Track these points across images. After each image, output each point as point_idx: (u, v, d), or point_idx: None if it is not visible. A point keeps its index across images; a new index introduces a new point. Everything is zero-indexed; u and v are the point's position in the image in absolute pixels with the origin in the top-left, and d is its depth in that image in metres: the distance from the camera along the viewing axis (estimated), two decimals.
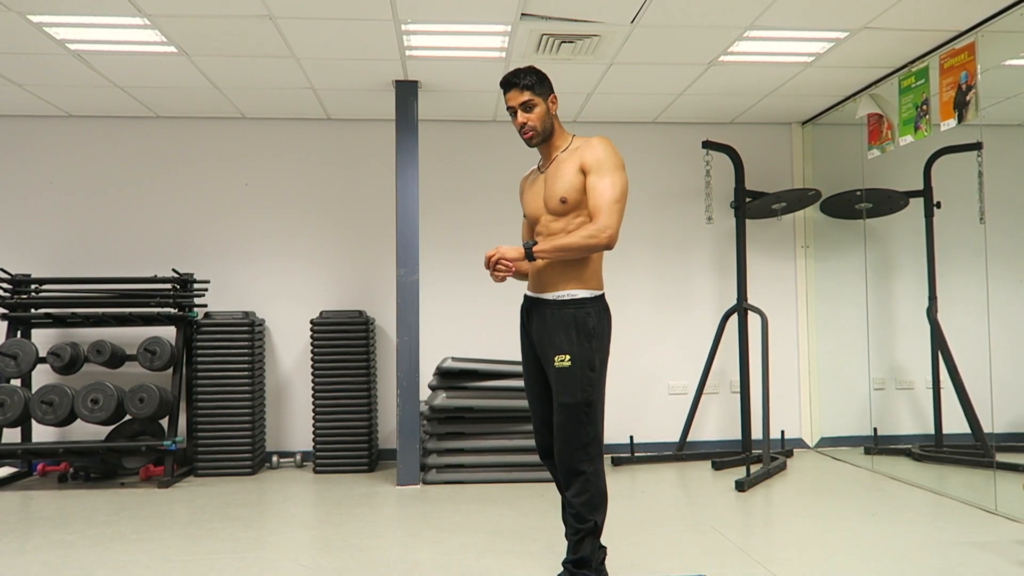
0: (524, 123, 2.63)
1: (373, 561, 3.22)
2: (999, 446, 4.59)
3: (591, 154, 2.57)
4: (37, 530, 3.74)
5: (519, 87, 2.61)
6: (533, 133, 2.64)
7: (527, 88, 2.61)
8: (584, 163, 2.57)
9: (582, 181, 2.57)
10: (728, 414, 5.59)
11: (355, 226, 5.47)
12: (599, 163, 2.55)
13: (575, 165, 2.59)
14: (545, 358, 2.63)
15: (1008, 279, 5.01)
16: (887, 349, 5.56)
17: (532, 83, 2.61)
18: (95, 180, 5.35)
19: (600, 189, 2.53)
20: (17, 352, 4.73)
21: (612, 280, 2.75)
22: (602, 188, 2.53)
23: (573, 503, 2.56)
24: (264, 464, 5.24)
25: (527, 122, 2.62)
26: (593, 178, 2.54)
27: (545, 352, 2.62)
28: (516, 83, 2.61)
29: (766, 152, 5.71)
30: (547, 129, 2.65)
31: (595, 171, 2.55)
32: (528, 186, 2.79)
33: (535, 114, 2.62)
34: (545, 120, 2.64)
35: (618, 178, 2.55)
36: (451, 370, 4.66)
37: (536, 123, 2.62)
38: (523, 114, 2.62)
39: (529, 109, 2.62)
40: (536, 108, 2.62)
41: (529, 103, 2.61)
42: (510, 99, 2.63)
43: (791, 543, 3.42)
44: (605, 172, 2.54)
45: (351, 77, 4.61)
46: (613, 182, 2.54)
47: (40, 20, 3.74)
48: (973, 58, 3.86)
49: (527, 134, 2.64)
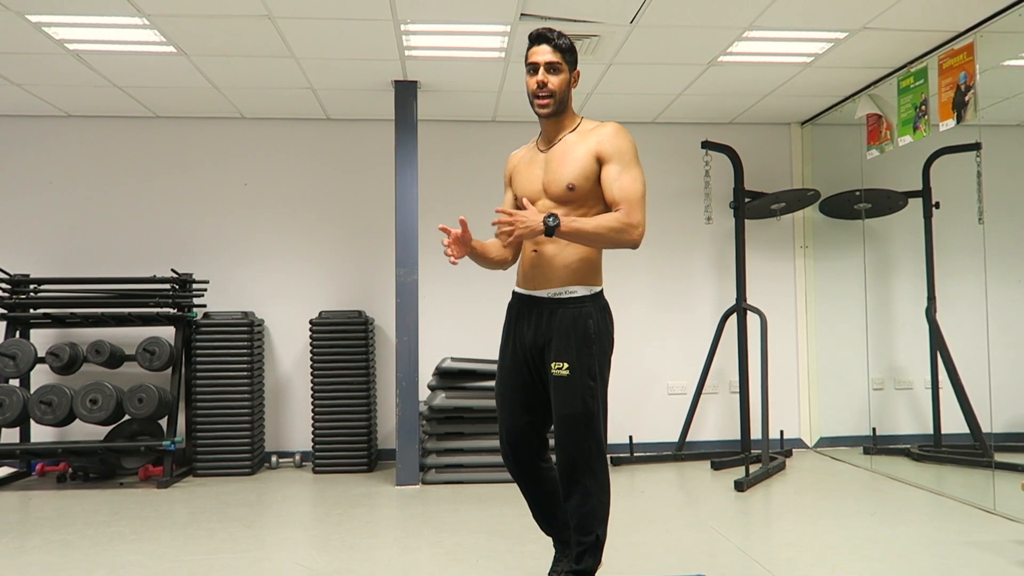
0: (544, 83, 2.39)
1: (372, 561, 3.22)
2: (998, 446, 4.60)
3: (611, 142, 2.37)
4: (36, 530, 3.73)
5: (552, 44, 2.39)
6: (549, 100, 2.40)
7: (559, 49, 2.40)
8: (602, 151, 2.37)
9: (595, 169, 2.38)
10: (727, 414, 5.60)
11: (354, 226, 5.47)
12: (621, 153, 2.36)
13: (588, 150, 2.38)
14: (539, 365, 2.46)
15: (1007, 279, 5.02)
16: (886, 349, 5.56)
17: (566, 46, 2.41)
18: (94, 180, 5.35)
19: (626, 182, 2.34)
20: (16, 352, 4.73)
21: (611, 280, 2.71)
22: (628, 181, 2.34)
23: (574, 515, 2.43)
24: (263, 464, 5.24)
25: (547, 83, 2.39)
26: (614, 168, 2.35)
27: (539, 358, 2.45)
28: (550, 39, 2.40)
29: (765, 152, 5.72)
30: (563, 101, 2.43)
31: (616, 160, 2.35)
32: (524, 165, 2.55)
33: (558, 79, 2.40)
34: (564, 91, 2.42)
35: (640, 173, 2.38)
36: (450, 370, 4.66)
37: (556, 88, 2.39)
38: (546, 74, 2.39)
39: (554, 71, 2.39)
40: (561, 74, 2.40)
41: (556, 65, 2.39)
42: (537, 53, 2.40)
43: (790, 543, 3.42)
44: (628, 164, 2.36)
45: (350, 77, 4.61)
46: (637, 176, 2.36)
47: (39, 20, 3.74)
48: (972, 58, 3.87)
49: (543, 98, 2.40)
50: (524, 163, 2.56)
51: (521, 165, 2.57)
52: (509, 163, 2.65)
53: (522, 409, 2.53)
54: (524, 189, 2.51)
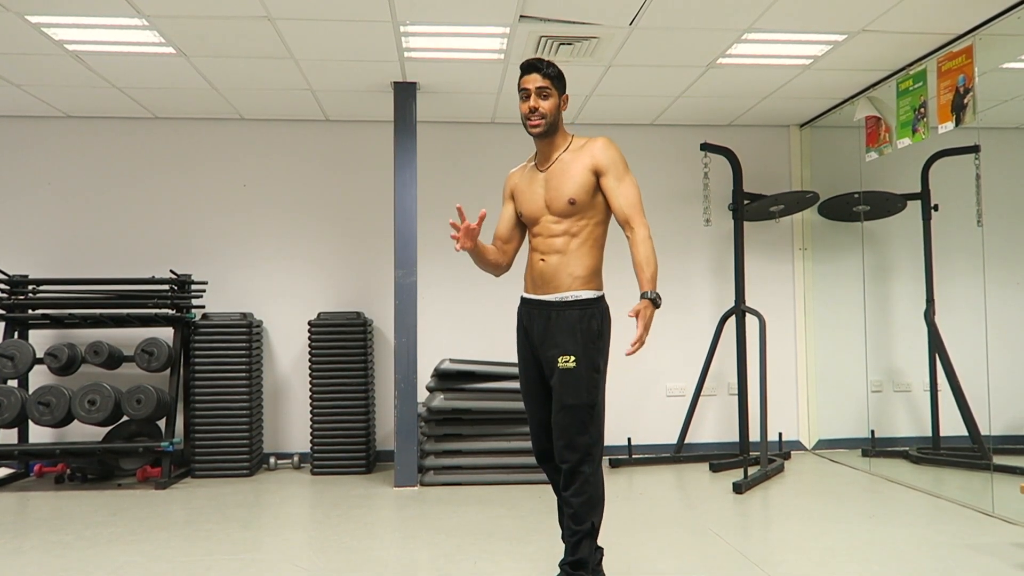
0: (535, 108, 2.60)
1: (370, 562, 3.22)
2: (996, 448, 4.59)
3: (604, 155, 2.60)
4: (34, 531, 3.73)
5: (541, 72, 2.61)
6: (541, 122, 2.61)
7: (548, 76, 2.61)
8: (598, 164, 2.59)
9: (592, 182, 2.59)
10: (726, 416, 5.60)
11: (353, 227, 5.47)
12: (615, 163, 2.60)
13: (584, 165, 2.60)
14: (549, 360, 2.61)
15: (1005, 282, 5.03)
16: (885, 351, 5.57)
17: (554, 73, 2.63)
18: (93, 181, 5.35)
19: (624, 191, 2.59)
20: (14, 353, 4.72)
21: (609, 282, 2.75)
22: (626, 190, 2.59)
23: (572, 503, 2.55)
24: (261, 465, 5.24)
25: (538, 108, 2.60)
26: (612, 180, 2.59)
27: (549, 354, 2.60)
28: (539, 68, 2.61)
29: (764, 154, 5.72)
30: (553, 123, 2.64)
31: (612, 173, 2.59)
32: (525, 184, 2.74)
33: (548, 103, 2.61)
34: (554, 113, 2.63)
35: (633, 178, 2.63)
36: (449, 372, 4.66)
37: (546, 112, 2.61)
38: (536, 99, 2.60)
39: (544, 96, 2.61)
40: (550, 98, 2.62)
41: (546, 91, 2.61)
42: (528, 81, 2.62)
43: (788, 545, 3.42)
44: (622, 173, 2.61)
45: (349, 78, 4.61)
46: (632, 182, 2.61)
47: (39, 20, 3.74)
48: (971, 61, 3.87)
49: (534, 121, 2.62)
50: (525, 182, 2.74)
51: (522, 184, 2.75)
52: (510, 180, 2.84)
53: (546, 404, 2.68)
54: (527, 208, 2.70)
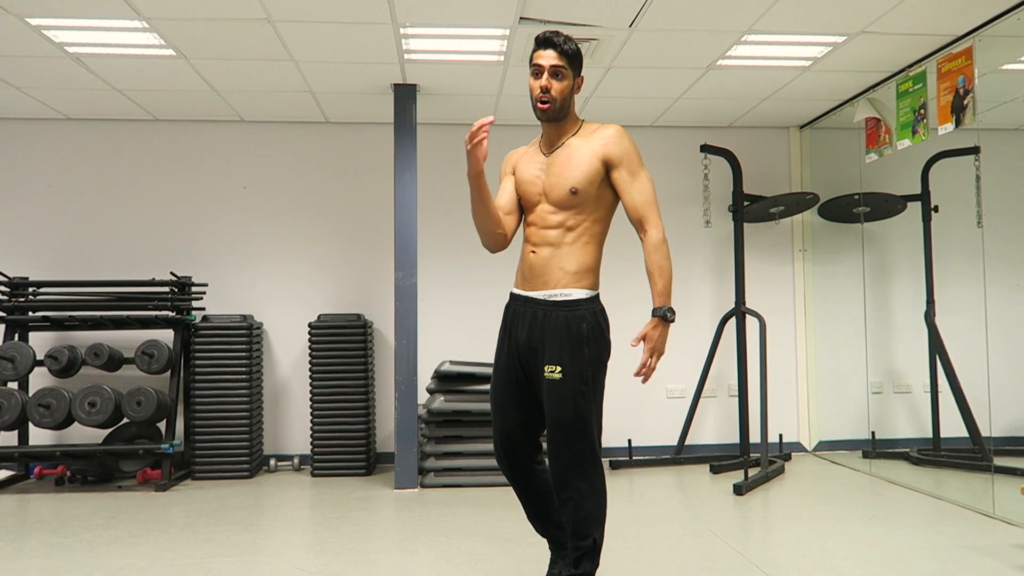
0: (547, 88, 2.38)
1: (370, 564, 3.22)
2: (997, 450, 4.59)
3: (618, 145, 2.40)
4: (34, 533, 3.73)
5: (559, 49, 2.39)
6: (551, 103, 2.39)
7: (564, 54, 2.40)
8: (609, 155, 2.39)
9: (600, 172, 2.40)
10: (726, 418, 5.59)
11: (353, 230, 5.47)
12: (629, 156, 2.41)
13: (593, 153, 2.40)
14: (532, 366, 2.44)
15: (1006, 283, 5.02)
16: (885, 353, 5.56)
17: (572, 51, 2.41)
18: (93, 183, 5.35)
19: (639, 188, 2.41)
20: (14, 355, 4.72)
21: (609, 283, 2.72)
22: (640, 187, 2.41)
23: (569, 520, 2.41)
24: (262, 467, 5.23)
25: (550, 88, 2.38)
26: (625, 175, 2.40)
27: (533, 360, 2.43)
28: (556, 44, 2.39)
29: (764, 156, 5.72)
30: (564, 107, 2.43)
31: (625, 166, 2.40)
32: (525, 165, 2.53)
33: (561, 84, 2.40)
34: (566, 96, 2.42)
35: (647, 174, 2.45)
36: (449, 373, 4.66)
37: (558, 94, 2.39)
38: (549, 78, 2.39)
39: (557, 76, 2.39)
40: (564, 80, 2.40)
41: (560, 70, 2.39)
42: (542, 57, 2.40)
43: (789, 547, 3.42)
44: (637, 168, 2.42)
45: (349, 80, 4.61)
46: (647, 179, 2.43)
47: (39, 23, 3.74)
48: (971, 62, 3.87)
49: (544, 102, 2.39)
50: (526, 163, 2.54)
51: (523, 164, 2.55)
52: (510, 158, 2.63)
53: (516, 410, 2.52)
54: (523, 191, 2.51)
